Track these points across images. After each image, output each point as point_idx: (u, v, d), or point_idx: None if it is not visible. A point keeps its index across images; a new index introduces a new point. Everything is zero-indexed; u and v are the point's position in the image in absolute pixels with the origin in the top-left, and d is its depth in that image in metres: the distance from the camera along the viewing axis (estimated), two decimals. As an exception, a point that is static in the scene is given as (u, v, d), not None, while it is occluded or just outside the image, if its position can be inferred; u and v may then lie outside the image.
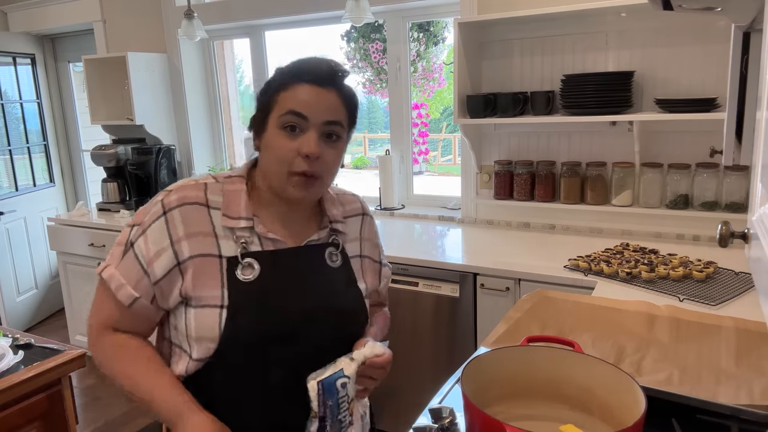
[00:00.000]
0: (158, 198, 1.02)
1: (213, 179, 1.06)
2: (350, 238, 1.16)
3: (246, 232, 1.02)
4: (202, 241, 0.99)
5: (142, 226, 1.00)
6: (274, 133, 1.00)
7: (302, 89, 0.99)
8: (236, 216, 1.02)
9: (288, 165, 0.99)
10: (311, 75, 0.99)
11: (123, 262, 1.00)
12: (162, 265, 0.98)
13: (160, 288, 0.99)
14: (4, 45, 4.05)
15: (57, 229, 3.47)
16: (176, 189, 1.02)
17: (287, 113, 0.98)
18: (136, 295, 0.99)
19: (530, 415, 1.01)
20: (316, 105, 0.98)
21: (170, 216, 0.99)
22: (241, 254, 1.00)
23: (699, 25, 2.19)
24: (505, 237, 2.58)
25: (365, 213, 1.22)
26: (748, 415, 1.01)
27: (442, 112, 8.29)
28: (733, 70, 1.06)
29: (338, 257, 1.11)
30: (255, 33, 3.46)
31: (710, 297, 1.71)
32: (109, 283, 1.00)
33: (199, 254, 0.99)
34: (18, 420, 1.49)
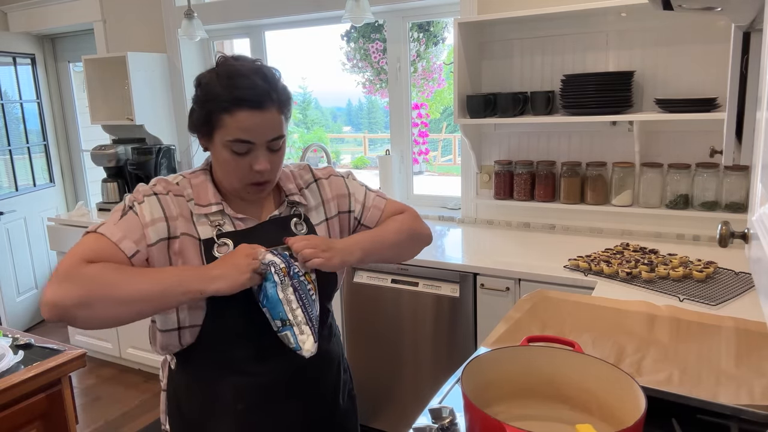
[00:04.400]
0: (145, 186, 1.12)
1: (181, 176, 1.17)
2: (313, 206, 1.26)
3: (218, 215, 1.13)
4: (187, 223, 1.10)
5: (138, 199, 1.09)
6: (223, 152, 1.09)
7: (244, 116, 1.05)
8: (206, 203, 1.13)
9: (241, 179, 1.11)
10: (251, 101, 1.04)
11: (122, 221, 1.06)
12: (157, 232, 1.07)
13: (153, 252, 1.06)
14: (4, 45, 4.05)
15: (57, 229, 3.47)
16: (158, 182, 1.13)
17: (234, 141, 1.06)
18: (137, 248, 1.05)
19: (530, 415, 1.01)
20: (259, 129, 1.06)
21: (162, 198, 1.10)
22: (216, 235, 1.11)
23: (699, 25, 2.19)
24: (505, 237, 2.58)
25: (317, 178, 1.30)
26: (748, 415, 1.01)
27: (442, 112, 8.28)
28: (733, 70, 1.06)
29: (303, 226, 1.22)
30: (255, 33, 3.46)
31: (710, 297, 1.71)
32: (109, 235, 1.04)
33: (185, 233, 1.09)
34: (18, 420, 1.49)
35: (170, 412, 1.22)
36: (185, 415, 1.19)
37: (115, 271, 1.00)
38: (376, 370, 2.51)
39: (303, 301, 1.07)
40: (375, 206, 1.34)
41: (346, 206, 1.31)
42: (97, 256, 1.01)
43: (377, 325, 2.48)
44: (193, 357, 1.15)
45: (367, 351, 2.52)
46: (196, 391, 1.17)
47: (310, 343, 1.06)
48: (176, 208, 1.10)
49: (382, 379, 2.51)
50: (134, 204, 1.08)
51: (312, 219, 1.25)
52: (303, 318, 1.06)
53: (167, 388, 1.24)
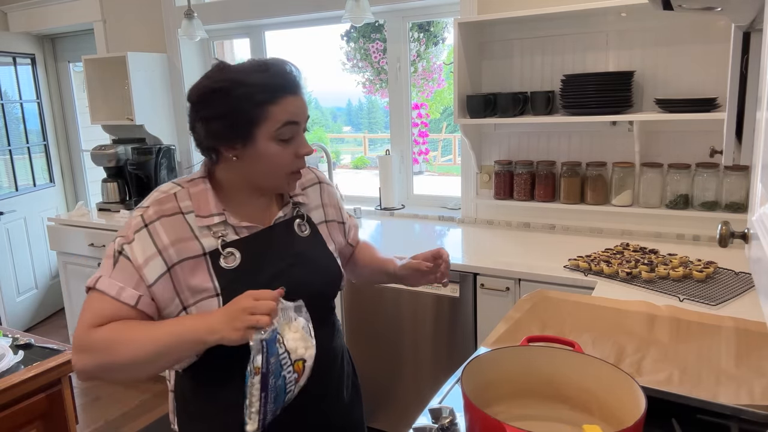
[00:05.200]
0: (136, 214, 1.10)
1: (178, 186, 1.14)
2: (313, 206, 1.28)
3: (221, 226, 1.11)
4: (186, 245, 1.07)
5: (127, 238, 1.06)
6: (268, 145, 1.08)
7: (290, 100, 1.09)
8: (208, 214, 1.10)
9: (288, 168, 1.11)
10: (291, 86, 1.09)
11: (116, 271, 1.05)
12: (153, 271, 1.04)
13: (154, 292, 1.05)
14: (4, 45, 4.05)
15: (57, 229, 3.47)
16: (151, 204, 1.10)
17: (286, 125, 1.08)
18: (139, 293, 1.04)
19: (530, 415, 1.01)
20: (301, 111, 1.11)
21: (152, 228, 1.06)
22: (221, 246, 1.09)
23: (699, 25, 2.19)
24: (505, 237, 2.58)
25: (321, 181, 1.34)
26: (748, 415, 1.01)
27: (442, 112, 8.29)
28: (733, 70, 1.06)
29: (306, 227, 1.23)
30: (255, 33, 3.46)
31: (710, 297, 1.71)
32: (107, 291, 1.03)
33: (186, 257, 1.07)
34: (18, 420, 1.50)
35: (178, 412, 1.22)
36: (193, 414, 1.19)
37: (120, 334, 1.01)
38: (376, 370, 2.51)
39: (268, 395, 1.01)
40: (354, 226, 1.44)
41: (340, 217, 1.36)
42: (103, 319, 1.02)
43: (377, 325, 2.48)
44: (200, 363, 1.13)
45: (367, 351, 2.52)
46: (204, 391, 1.16)
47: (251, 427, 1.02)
48: (170, 234, 1.06)
49: (382, 379, 2.51)
50: (123, 248, 1.05)
51: (313, 218, 1.27)
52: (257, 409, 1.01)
53: (175, 389, 1.23)
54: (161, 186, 1.17)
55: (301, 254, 1.18)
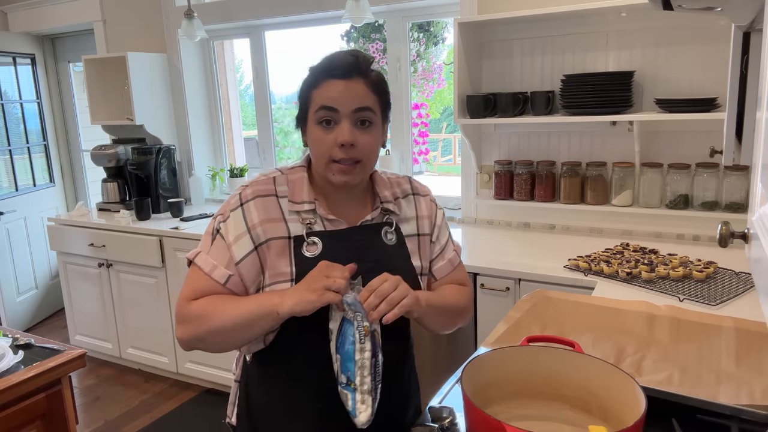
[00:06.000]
0: (236, 192, 1.16)
1: (279, 172, 1.19)
2: (406, 218, 1.24)
3: (310, 214, 1.13)
4: (274, 226, 1.11)
5: (224, 216, 1.13)
6: (313, 129, 1.10)
7: (330, 85, 1.08)
8: (300, 201, 1.14)
9: (328, 155, 1.09)
10: (337, 69, 1.08)
11: (213, 248, 1.12)
12: (242, 248, 1.10)
13: (241, 269, 1.10)
14: (4, 45, 4.05)
15: (57, 229, 3.47)
16: (251, 184, 1.16)
17: (320, 109, 1.08)
18: (229, 272, 1.10)
19: (530, 415, 1.01)
20: (344, 97, 1.07)
21: (246, 207, 1.12)
22: (306, 233, 1.11)
23: (699, 25, 2.19)
24: (505, 237, 2.58)
25: (416, 193, 1.29)
26: (748, 415, 1.01)
27: (442, 112, 8.29)
28: (733, 70, 1.06)
29: (393, 236, 1.20)
30: (255, 33, 3.46)
31: (710, 297, 1.71)
32: (202, 267, 1.11)
33: (272, 237, 1.11)
34: (18, 420, 1.49)
35: (239, 404, 1.22)
36: (257, 408, 1.18)
37: (211, 307, 1.07)
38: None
39: (375, 369, 1.02)
40: (450, 260, 1.29)
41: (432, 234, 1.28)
42: (197, 293, 1.10)
43: (377, 325, 2.47)
44: (272, 354, 1.14)
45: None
46: (273, 386, 1.16)
47: (366, 416, 1.00)
48: (261, 214, 1.11)
49: (382, 379, 2.50)
50: (220, 226, 1.12)
51: (403, 229, 1.22)
52: (369, 387, 1.00)
53: (240, 379, 1.23)
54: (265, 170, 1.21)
55: (381, 261, 1.15)
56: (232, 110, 3.85)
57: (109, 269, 3.32)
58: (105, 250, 3.26)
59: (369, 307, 1.02)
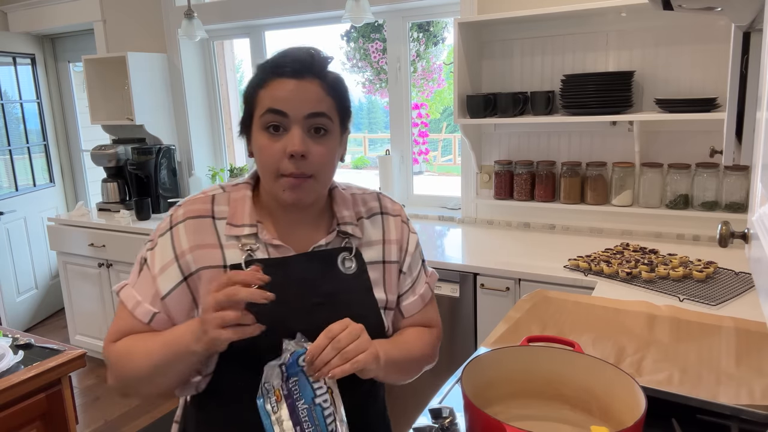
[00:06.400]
0: (168, 213, 1.04)
1: (221, 189, 1.04)
2: (369, 241, 1.07)
3: (251, 239, 0.98)
4: (207, 253, 0.97)
5: (152, 243, 1.01)
6: (258, 136, 0.96)
7: (279, 84, 0.93)
8: (240, 223, 0.99)
9: (275, 168, 0.94)
10: (288, 66, 0.93)
11: (139, 280, 1.00)
12: (168, 280, 0.97)
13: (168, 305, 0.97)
14: (4, 45, 4.05)
15: (57, 229, 3.47)
16: (185, 203, 1.03)
17: (266, 112, 0.93)
18: (153, 310, 0.97)
19: (530, 415, 1.01)
20: (295, 99, 0.92)
21: (175, 231, 0.99)
22: (245, 261, 0.96)
23: (699, 25, 2.19)
24: (505, 237, 2.58)
25: (384, 211, 1.11)
26: (748, 415, 1.01)
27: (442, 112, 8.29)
28: (733, 70, 1.06)
29: (352, 263, 1.03)
30: (255, 33, 3.46)
31: (710, 297, 1.71)
32: (126, 303, 0.99)
33: (204, 266, 0.97)
34: (18, 420, 1.49)
35: None
36: None
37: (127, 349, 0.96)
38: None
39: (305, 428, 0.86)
40: (421, 296, 1.13)
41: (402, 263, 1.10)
42: (120, 334, 0.99)
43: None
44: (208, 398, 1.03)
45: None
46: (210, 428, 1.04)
47: None
48: (191, 238, 0.98)
49: (382, 379, 2.51)
50: (147, 254, 1.00)
51: (366, 255, 1.05)
52: None
53: (179, 420, 1.13)
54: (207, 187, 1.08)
55: (334, 295, 0.99)
56: (232, 110, 3.85)
57: (109, 269, 3.32)
58: (105, 250, 3.26)
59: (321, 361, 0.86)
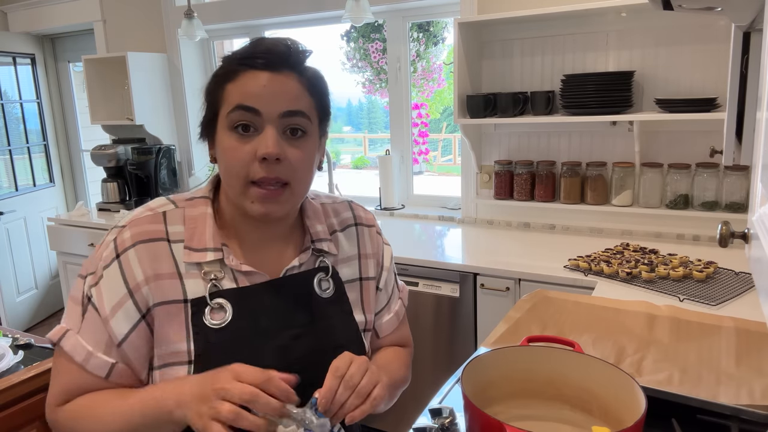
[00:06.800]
0: (110, 238, 0.84)
1: (172, 204, 0.88)
2: (346, 257, 0.97)
3: (215, 265, 0.84)
4: (164, 285, 0.82)
5: (95, 276, 0.83)
6: (223, 137, 0.82)
7: (251, 77, 0.81)
8: (201, 247, 0.84)
9: (243, 173, 0.81)
10: (261, 57, 0.81)
11: (85, 324, 0.82)
12: (123, 321, 0.81)
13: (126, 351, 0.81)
14: (4, 45, 4.05)
15: (57, 229, 3.47)
16: (130, 224, 0.84)
17: (235, 109, 0.80)
18: (110, 360, 0.81)
19: (530, 415, 1.01)
20: (269, 94, 0.80)
21: (124, 259, 0.82)
22: (209, 294, 0.83)
23: (699, 25, 2.19)
24: (505, 237, 2.58)
25: (360, 223, 1.01)
26: (748, 415, 1.01)
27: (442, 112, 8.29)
28: (733, 70, 1.06)
29: (329, 284, 0.92)
30: (255, 33, 3.46)
31: (710, 297, 1.71)
32: (73, 355, 0.81)
33: (162, 301, 0.82)
34: (18, 420, 1.49)
35: None
36: None
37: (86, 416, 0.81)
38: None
39: None
40: (396, 313, 1.05)
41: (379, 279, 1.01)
42: (70, 394, 0.82)
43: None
44: None
45: (367, 351, 2.52)
46: None
47: None
48: (146, 267, 0.82)
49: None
50: (92, 292, 0.82)
51: (342, 273, 0.95)
52: None
53: None
54: (152, 201, 0.90)
55: (312, 323, 0.89)
56: (232, 110, 3.85)
57: (109, 269, 3.31)
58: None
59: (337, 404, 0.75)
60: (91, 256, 0.86)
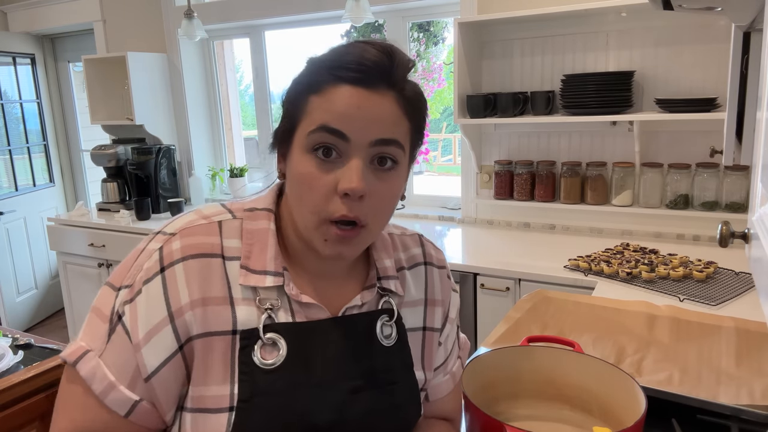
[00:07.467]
0: (154, 246, 0.70)
1: (228, 213, 0.74)
2: (412, 301, 0.81)
3: (272, 293, 0.71)
4: (213, 311, 0.68)
5: (132, 290, 0.68)
6: (300, 158, 0.68)
7: (342, 93, 0.66)
8: (261, 269, 0.70)
9: (319, 207, 0.67)
10: (355, 71, 0.66)
11: (111, 347, 0.67)
12: (159, 350, 0.66)
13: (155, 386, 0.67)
14: (4, 45, 4.05)
15: (57, 229, 3.47)
16: (181, 232, 0.70)
17: (318, 129, 0.66)
18: (134, 398, 0.67)
19: (530, 415, 1.01)
20: (362, 118, 0.66)
21: (170, 274, 0.68)
22: (263, 326, 0.69)
23: (699, 25, 2.19)
24: (505, 237, 2.58)
25: (428, 262, 0.85)
26: (748, 415, 1.01)
27: (442, 112, 8.29)
28: (733, 70, 1.06)
29: (392, 330, 0.77)
30: (255, 33, 3.46)
31: (710, 297, 1.71)
32: (91, 383, 0.66)
33: (205, 332, 0.68)
34: (18, 420, 1.49)
35: None
36: None
37: None
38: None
39: None
40: (453, 375, 0.89)
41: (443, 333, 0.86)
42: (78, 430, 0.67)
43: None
44: None
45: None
46: None
47: None
48: (195, 288, 0.68)
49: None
50: (125, 309, 0.67)
51: (407, 320, 0.80)
52: None
53: None
54: (205, 207, 0.76)
55: (373, 375, 0.74)
56: (232, 110, 3.85)
57: (109, 269, 3.32)
58: (105, 250, 3.26)
59: None
60: (126, 263, 0.71)
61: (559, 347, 1.04)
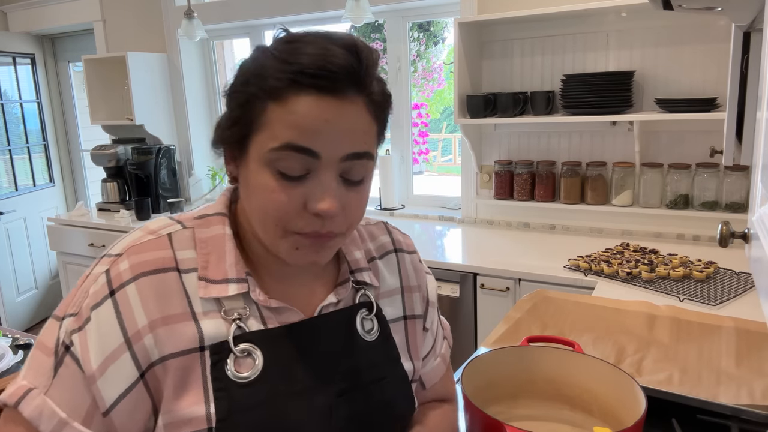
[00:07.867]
0: (100, 269, 0.64)
1: (177, 224, 0.69)
2: (387, 291, 0.78)
3: (238, 301, 0.66)
4: (174, 330, 0.62)
5: (80, 318, 0.62)
6: (260, 171, 0.62)
7: (308, 104, 0.59)
8: (221, 278, 0.65)
9: (285, 222, 0.62)
10: (321, 77, 0.58)
11: (57, 382, 0.60)
12: (116, 381, 0.60)
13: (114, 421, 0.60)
14: (4, 45, 4.05)
15: (57, 229, 3.47)
16: (128, 251, 0.65)
17: (283, 148, 0.59)
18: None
19: (530, 415, 1.01)
20: (332, 131, 0.60)
21: (122, 297, 0.62)
22: (233, 337, 0.64)
23: (699, 25, 2.19)
24: (505, 237, 2.58)
25: (398, 248, 0.82)
26: (748, 415, 1.01)
27: (442, 112, 8.29)
28: (733, 70, 1.06)
29: (373, 324, 0.74)
30: (255, 33, 3.46)
31: (710, 297, 1.71)
32: (36, 423, 0.59)
33: (172, 353, 0.62)
34: (18, 420, 1.49)
35: None
36: None
37: None
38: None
39: None
40: (443, 357, 0.88)
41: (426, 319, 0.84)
42: None
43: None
44: None
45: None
46: None
47: None
48: (151, 309, 0.62)
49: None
50: (73, 339, 0.61)
51: (386, 311, 0.77)
52: None
53: None
54: (150, 222, 0.70)
55: (357, 374, 0.71)
56: (232, 110, 3.84)
57: (109, 269, 3.31)
58: (105, 250, 3.25)
59: None
60: (71, 293, 0.66)
61: (559, 347, 1.04)
